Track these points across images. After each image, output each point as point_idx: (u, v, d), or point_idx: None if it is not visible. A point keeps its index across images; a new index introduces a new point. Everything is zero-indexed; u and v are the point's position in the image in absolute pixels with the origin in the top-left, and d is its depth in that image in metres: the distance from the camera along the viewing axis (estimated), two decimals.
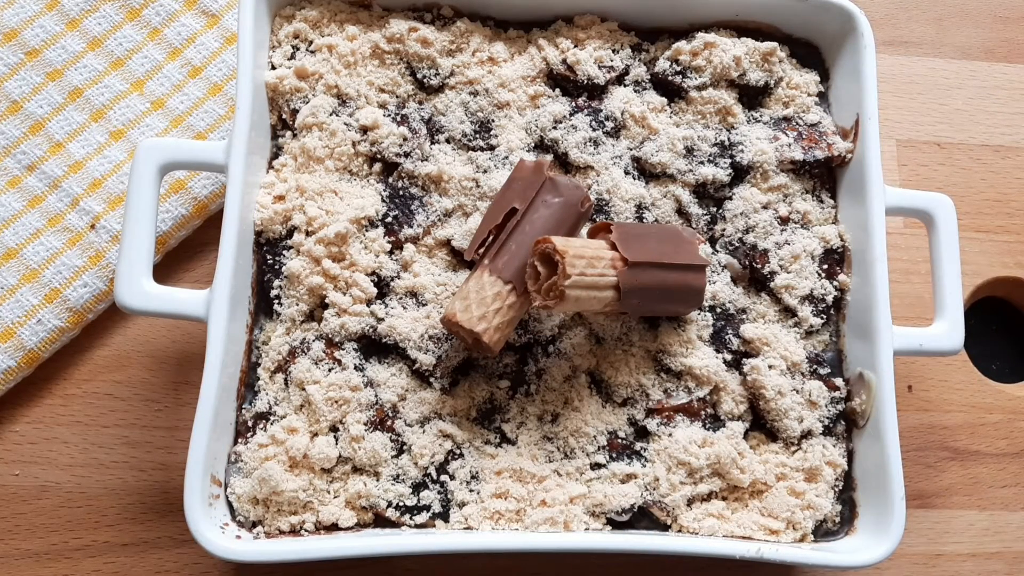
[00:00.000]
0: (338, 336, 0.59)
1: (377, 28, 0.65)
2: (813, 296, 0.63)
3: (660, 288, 0.56)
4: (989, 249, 0.75)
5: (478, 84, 0.64)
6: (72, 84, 0.69)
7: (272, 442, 0.57)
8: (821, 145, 0.65)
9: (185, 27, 0.71)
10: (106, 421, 0.66)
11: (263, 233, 0.61)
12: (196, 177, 0.68)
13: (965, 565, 0.68)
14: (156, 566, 0.63)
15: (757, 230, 0.63)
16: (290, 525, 0.56)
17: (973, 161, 0.78)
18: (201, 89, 0.71)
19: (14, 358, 0.64)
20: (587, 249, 0.53)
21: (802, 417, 0.60)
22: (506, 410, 0.60)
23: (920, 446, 0.71)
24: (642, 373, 0.60)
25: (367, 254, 0.60)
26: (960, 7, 0.82)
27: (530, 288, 0.53)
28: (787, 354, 0.61)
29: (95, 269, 0.66)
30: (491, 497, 0.57)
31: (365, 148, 0.62)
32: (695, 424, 0.60)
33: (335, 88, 0.63)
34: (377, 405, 0.58)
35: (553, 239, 0.52)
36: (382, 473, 0.57)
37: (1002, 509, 0.70)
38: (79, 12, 0.70)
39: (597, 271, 0.52)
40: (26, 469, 0.64)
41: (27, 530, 0.63)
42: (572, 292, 0.51)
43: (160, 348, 0.67)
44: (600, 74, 0.65)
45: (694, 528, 0.58)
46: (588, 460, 0.59)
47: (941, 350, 0.62)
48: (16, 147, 0.68)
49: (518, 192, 0.57)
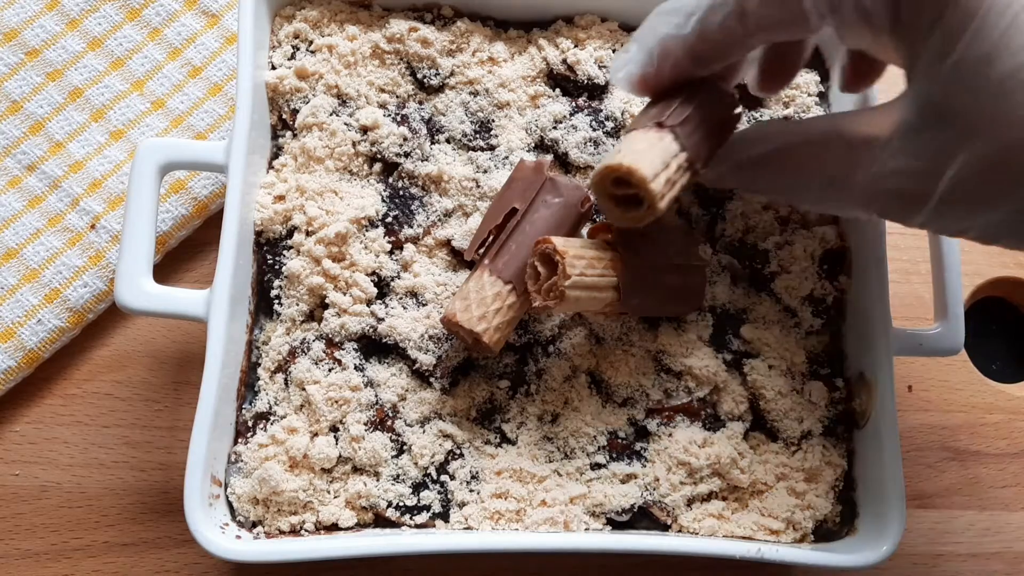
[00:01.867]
0: (338, 336, 0.59)
1: (377, 28, 0.65)
2: (813, 296, 0.63)
3: (660, 288, 0.56)
4: (989, 249, 0.75)
5: (478, 84, 0.64)
6: (72, 84, 0.69)
7: (272, 442, 0.57)
8: None
9: (185, 27, 0.71)
10: (106, 421, 0.66)
11: (263, 233, 0.61)
12: (196, 177, 0.68)
13: (965, 565, 0.68)
14: (156, 566, 0.63)
15: (757, 231, 0.63)
16: (290, 525, 0.56)
17: None
18: (201, 89, 0.71)
19: (14, 358, 0.64)
20: (587, 250, 0.53)
21: (802, 417, 0.60)
22: (506, 410, 0.60)
23: (920, 446, 0.71)
24: (642, 373, 0.60)
25: (367, 254, 0.60)
26: None
27: (530, 288, 0.53)
28: (787, 354, 0.61)
29: (95, 269, 0.66)
30: (491, 497, 0.57)
31: (365, 148, 0.62)
32: (695, 424, 0.60)
33: (335, 88, 0.63)
34: (377, 405, 0.58)
35: (553, 239, 0.52)
36: (382, 473, 0.57)
37: (1002, 509, 0.70)
38: (79, 12, 0.70)
39: (597, 272, 0.52)
40: (26, 469, 0.64)
41: (27, 530, 0.63)
42: (572, 293, 0.51)
43: (160, 348, 0.67)
44: (600, 74, 0.65)
45: (694, 528, 0.58)
46: (588, 460, 0.59)
47: (941, 350, 0.62)
48: (16, 147, 0.68)
49: (518, 192, 0.57)
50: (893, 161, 0.43)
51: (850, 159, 0.45)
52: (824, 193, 0.47)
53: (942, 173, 0.41)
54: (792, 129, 0.49)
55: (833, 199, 0.47)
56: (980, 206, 0.41)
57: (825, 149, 0.46)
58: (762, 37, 0.46)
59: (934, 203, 0.42)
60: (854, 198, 0.46)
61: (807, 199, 0.50)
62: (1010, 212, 0.40)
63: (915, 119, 0.42)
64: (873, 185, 0.44)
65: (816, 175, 0.47)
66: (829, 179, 0.46)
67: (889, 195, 0.44)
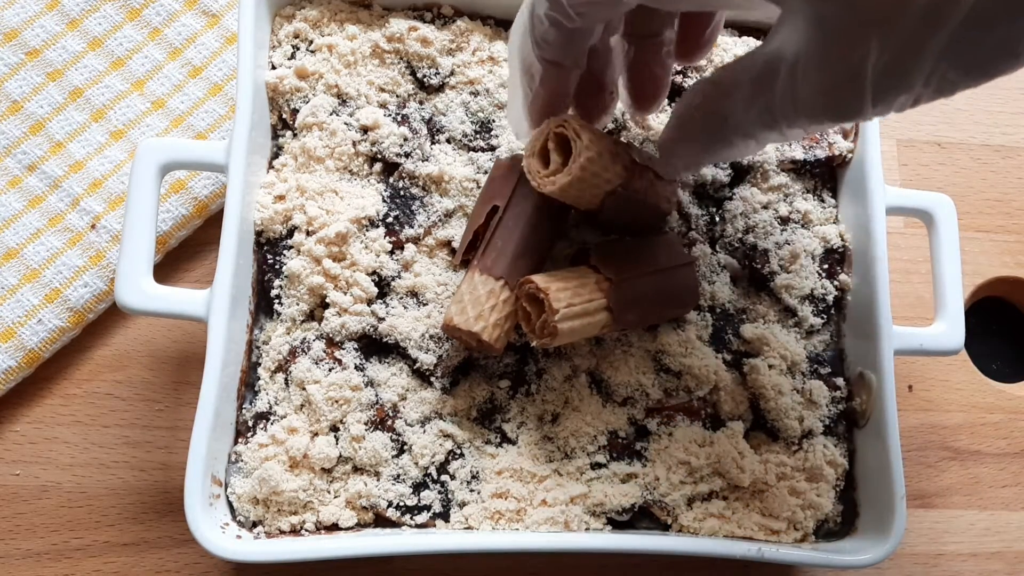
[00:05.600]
0: (339, 336, 0.59)
1: (377, 27, 0.65)
2: (813, 296, 0.63)
3: (653, 296, 0.56)
4: (989, 249, 0.75)
5: (479, 84, 0.64)
6: (72, 84, 0.69)
7: (272, 442, 0.57)
8: (822, 144, 0.65)
9: (185, 27, 0.71)
10: (106, 421, 0.66)
11: (263, 233, 0.61)
12: (196, 177, 0.68)
13: (965, 565, 0.68)
14: (156, 566, 0.63)
15: (757, 230, 0.63)
16: (290, 525, 0.56)
17: (973, 161, 0.78)
18: (201, 89, 0.71)
19: (14, 358, 0.64)
20: (570, 279, 0.53)
21: (803, 417, 0.60)
22: (506, 410, 0.60)
23: (920, 446, 0.71)
24: (642, 373, 0.60)
25: (368, 254, 0.60)
26: None
27: (525, 330, 0.54)
28: (787, 354, 0.61)
29: (95, 269, 0.66)
30: (491, 497, 0.57)
31: (365, 148, 0.62)
32: (695, 424, 0.60)
33: (335, 88, 0.63)
34: (377, 405, 0.58)
35: (534, 278, 0.52)
36: (382, 473, 0.57)
37: (1002, 509, 0.70)
38: (79, 12, 0.70)
39: (584, 298, 0.52)
40: (26, 469, 0.64)
41: (27, 530, 0.63)
42: (564, 325, 0.51)
43: (160, 348, 0.67)
44: None
45: (694, 528, 0.58)
46: (588, 460, 0.59)
47: (941, 350, 0.62)
48: (16, 147, 0.68)
49: (496, 190, 0.57)
50: (816, 72, 0.42)
51: (776, 83, 0.44)
52: (763, 119, 0.46)
53: (864, 61, 0.40)
54: (716, 75, 0.48)
55: (776, 125, 0.46)
56: (912, 58, 0.39)
57: (752, 79, 0.46)
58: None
59: (870, 85, 0.41)
60: (796, 113, 0.45)
61: (752, 134, 0.48)
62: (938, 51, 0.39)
63: (813, 21, 0.40)
64: (808, 97, 0.43)
65: (752, 105, 0.46)
66: (764, 106, 0.45)
67: (827, 96, 0.43)
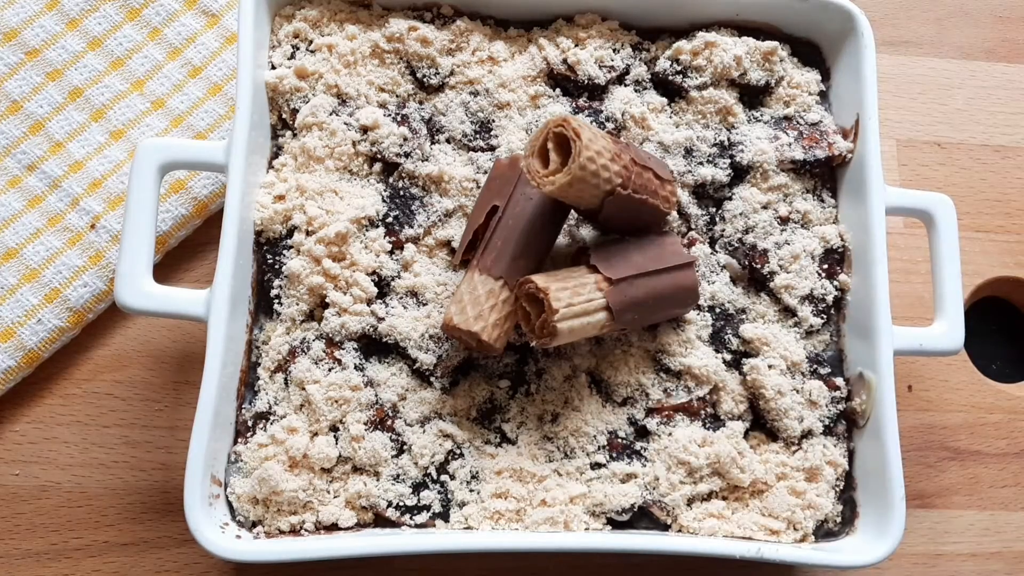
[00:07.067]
0: (338, 335, 0.59)
1: (377, 27, 0.65)
2: (813, 296, 0.63)
3: (652, 296, 0.56)
4: (989, 249, 0.75)
5: (478, 84, 0.64)
6: (72, 84, 0.69)
7: (272, 442, 0.57)
8: (822, 144, 0.65)
9: (185, 27, 0.71)
10: (106, 421, 0.66)
11: (263, 233, 0.61)
12: (196, 177, 0.68)
13: (965, 565, 0.68)
14: (156, 566, 0.63)
15: (757, 230, 0.63)
16: (290, 525, 0.56)
17: (973, 161, 0.78)
18: (201, 89, 0.71)
19: (14, 358, 0.64)
20: (569, 279, 0.53)
21: (802, 417, 0.60)
22: (506, 410, 0.60)
23: (920, 446, 0.71)
24: (642, 373, 0.60)
25: (367, 254, 0.60)
26: (960, 7, 0.82)
27: (525, 330, 0.54)
28: (787, 354, 0.61)
29: (95, 269, 0.66)
30: (491, 497, 0.57)
31: (365, 148, 0.62)
32: (695, 424, 0.60)
33: (335, 88, 0.63)
34: (377, 405, 0.58)
35: (533, 278, 0.52)
36: (382, 473, 0.57)
37: (1002, 509, 0.70)
38: (79, 12, 0.70)
39: (583, 298, 0.52)
40: (26, 469, 0.64)
41: (27, 530, 0.63)
42: (563, 325, 0.51)
43: (160, 348, 0.67)
44: (601, 74, 0.65)
45: (694, 528, 0.58)
46: (588, 460, 0.59)
47: (941, 350, 0.62)
48: (16, 147, 0.68)
49: (496, 190, 0.57)
50: None
51: None
52: None
53: None
54: None
55: None
56: None
57: None
58: None
59: None
60: None
61: None
62: None
63: None
64: None
65: None
66: None
67: None
